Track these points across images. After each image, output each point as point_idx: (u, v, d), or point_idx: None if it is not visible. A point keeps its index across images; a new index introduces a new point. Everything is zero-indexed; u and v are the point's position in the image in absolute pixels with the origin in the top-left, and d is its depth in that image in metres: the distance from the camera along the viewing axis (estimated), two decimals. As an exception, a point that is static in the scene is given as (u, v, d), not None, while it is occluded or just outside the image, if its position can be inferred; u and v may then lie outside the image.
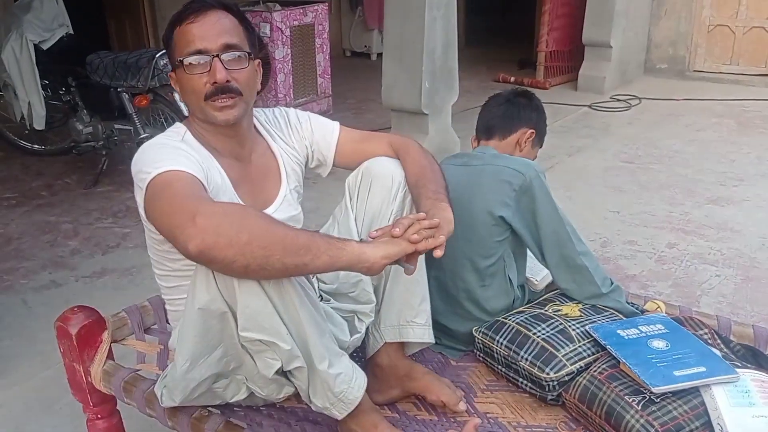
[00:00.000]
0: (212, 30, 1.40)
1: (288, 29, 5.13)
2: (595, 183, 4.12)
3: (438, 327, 1.70)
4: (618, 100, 6.09)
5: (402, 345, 1.65)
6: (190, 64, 1.40)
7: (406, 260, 1.33)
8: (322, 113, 1.51)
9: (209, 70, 1.40)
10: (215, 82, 1.40)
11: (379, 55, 5.59)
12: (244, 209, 1.20)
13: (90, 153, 4.24)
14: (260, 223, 1.17)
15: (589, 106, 5.90)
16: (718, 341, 1.60)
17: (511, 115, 1.98)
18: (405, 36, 4.09)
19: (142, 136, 3.77)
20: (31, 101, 4.14)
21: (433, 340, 1.65)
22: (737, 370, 1.44)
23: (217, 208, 1.17)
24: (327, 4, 5.60)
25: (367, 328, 1.64)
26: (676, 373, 1.42)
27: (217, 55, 1.40)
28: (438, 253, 1.32)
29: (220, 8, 1.43)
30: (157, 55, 3.62)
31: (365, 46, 8.36)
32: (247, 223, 1.15)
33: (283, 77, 5.20)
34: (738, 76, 6.66)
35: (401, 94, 4.22)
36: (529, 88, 2.18)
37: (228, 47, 1.41)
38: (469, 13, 9.03)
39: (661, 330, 1.59)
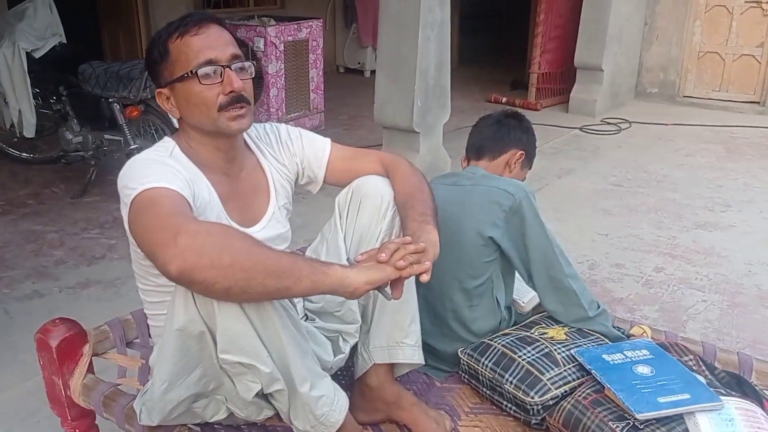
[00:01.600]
0: (219, 41, 1.41)
1: (282, 44, 5.15)
2: (584, 205, 4.13)
3: (424, 347, 1.70)
4: (608, 123, 6.13)
5: (391, 366, 1.63)
6: (206, 74, 1.39)
7: (393, 285, 1.32)
8: (314, 129, 1.51)
9: (221, 81, 1.39)
10: (232, 91, 1.40)
11: (373, 72, 5.63)
12: (227, 230, 1.18)
13: (79, 163, 4.22)
14: (243, 244, 1.15)
15: (580, 129, 5.94)
16: (703, 368, 1.60)
17: (501, 136, 1.99)
18: (398, 54, 4.11)
19: (132, 147, 3.76)
20: (22, 109, 4.13)
21: (422, 361, 1.64)
22: (721, 397, 1.43)
23: (200, 228, 1.15)
24: (322, 20, 5.63)
25: (356, 349, 1.63)
26: (661, 399, 1.42)
27: (228, 66, 1.40)
28: (425, 278, 1.31)
29: (215, 22, 1.43)
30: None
31: (359, 63, 8.40)
32: (229, 245, 1.13)
33: (276, 92, 5.20)
34: (727, 103, 6.73)
35: (393, 112, 4.24)
36: (520, 110, 2.20)
37: (236, 57, 1.42)
38: (463, 33, 9.10)
39: (646, 355, 1.59)
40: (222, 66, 1.39)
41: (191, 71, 1.39)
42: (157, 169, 1.32)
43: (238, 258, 1.12)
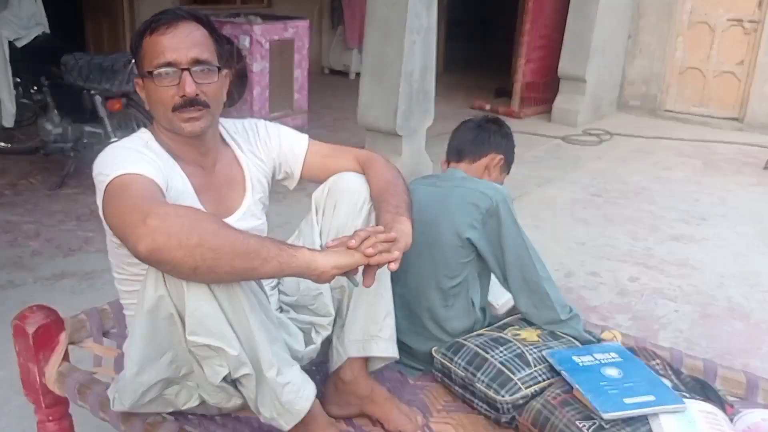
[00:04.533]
0: (183, 43, 1.41)
1: (268, 43, 5.15)
2: (563, 214, 4.18)
3: (399, 345, 1.71)
4: (590, 134, 6.20)
5: (365, 361, 1.65)
6: (160, 75, 1.41)
7: (365, 273, 1.34)
8: (297, 129, 1.52)
9: (178, 82, 1.41)
10: (184, 95, 1.41)
11: (358, 74, 5.63)
12: (197, 212, 1.21)
13: (58, 154, 4.19)
14: (212, 226, 1.18)
15: (562, 139, 6.00)
16: (670, 372, 1.64)
17: (481, 140, 2.02)
18: (384, 57, 4.14)
19: (112, 140, 3.74)
20: (1, 98, 4.11)
21: (397, 356, 1.66)
22: (685, 400, 1.47)
23: (170, 210, 1.18)
24: (308, 21, 5.64)
25: (331, 343, 1.65)
26: (627, 400, 1.45)
27: (187, 69, 1.41)
28: (392, 267, 1.33)
29: (191, 19, 1.44)
30: (134, 60, 3.61)
31: (344, 65, 8.42)
32: (197, 226, 1.16)
33: (260, 90, 5.20)
34: (706, 118, 6.84)
35: (377, 115, 4.26)
36: (503, 117, 2.24)
37: (197, 62, 1.42)
38: (449, 40, 9.16)
39: (614, 358, 1.62)
40: (181, 69, 1.41)
41: (148, 71, 1.42)
42: (131, 157, 1.35)
43: (206, 238, 1.15)
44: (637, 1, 6.93)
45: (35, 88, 4.19)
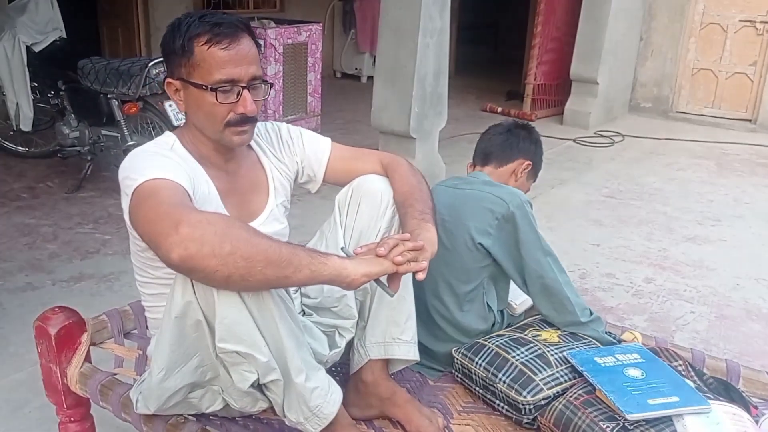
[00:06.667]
0: (245, 60, 1.40)
1: (281, 47, 5.17)
2: (577, 216, 4.17)
3: (418, 347, 1.71)
4: (602, 135, 6.18)
5: (386, 363, 1.65)
6: (222, 91, 1.39)
7: (390, 280, 1.34)
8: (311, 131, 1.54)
9: (236, 99, 1.40)
10: (243, 113, 1.41)
11: (369, 77, 5.66)
12: (228, 220, 1.20)
13: (75, 158, 4.23)
14: (243, 234, 1.17)
15: (574, 141, 5.99)
16: (692, 373, 1.63)
17: (510, 145, 2.00)
18: (397, 60, 4.15)
19: (129, 144, 3.77)
20: (19, 102, 4.14)
21: (418, 358, 1.66)
22: (709, 401, 1.46)
23: (201, 218, 1.16)
24: (321, 24, 5.66)
25: (352, 344, 1.65)
26: (650, 401, 1.45)
27: (248, 87, 1.41)
28: (420, 276, 1.33)
29: (246, 32, 1.42)
30: (150, 64, 3.64)
31: (356, 69, 8.44)
32: (230, 234, 1.15)
33: (274, 93, 5.22)
34: (719, 119, 6.81)
35: (390, 117, 4.27)
36: (516, 119, 2.21)
37: (255, 79, 1.42)
38: (461, 43, 9.16)
39: (637, 359, 1.62)
40: (241, 86, 1.40)
41: (210, 87, 1.39)
42: (159, 161, 1.34)
43: (238, 246, 1.14)
44: (648, 2, 6.91)
45: (52, 92, 4.21)
